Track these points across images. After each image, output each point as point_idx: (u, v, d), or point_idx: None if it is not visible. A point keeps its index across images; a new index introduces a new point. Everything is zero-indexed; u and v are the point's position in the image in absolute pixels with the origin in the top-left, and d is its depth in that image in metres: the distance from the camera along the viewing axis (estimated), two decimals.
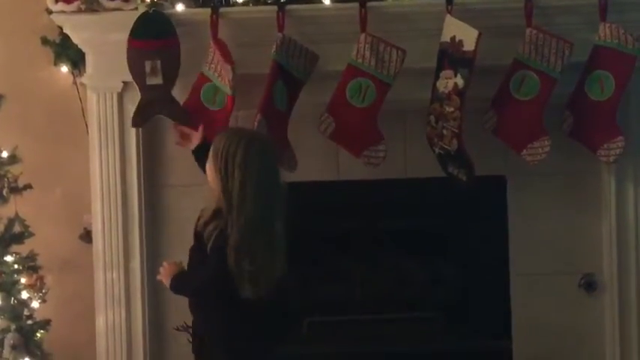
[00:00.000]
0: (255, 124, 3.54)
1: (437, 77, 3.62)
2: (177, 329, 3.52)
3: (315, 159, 3.81)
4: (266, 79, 3.58)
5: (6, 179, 3.73)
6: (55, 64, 4.00)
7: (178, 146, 3.62)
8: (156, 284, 3.74)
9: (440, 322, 4.02)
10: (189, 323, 3.49)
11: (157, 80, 3.61)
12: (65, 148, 4.04)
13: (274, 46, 3.58)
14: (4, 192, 3.72)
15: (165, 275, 3.18)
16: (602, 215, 3.85)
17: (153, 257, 3.83)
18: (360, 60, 3.60)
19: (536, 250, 3.87)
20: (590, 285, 3.86)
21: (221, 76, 3.60)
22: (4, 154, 3.76)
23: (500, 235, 3.89)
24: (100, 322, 3.78)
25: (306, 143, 3.76)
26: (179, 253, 3.74)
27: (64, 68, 4.01)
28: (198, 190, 3.80)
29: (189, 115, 3.63)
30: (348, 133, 3.66)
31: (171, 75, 3.62)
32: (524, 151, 3.65)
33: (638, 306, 3.82)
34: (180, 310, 3.77)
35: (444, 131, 3.61)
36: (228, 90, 3.57)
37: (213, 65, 3.61)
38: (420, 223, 3.98)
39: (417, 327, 4.03)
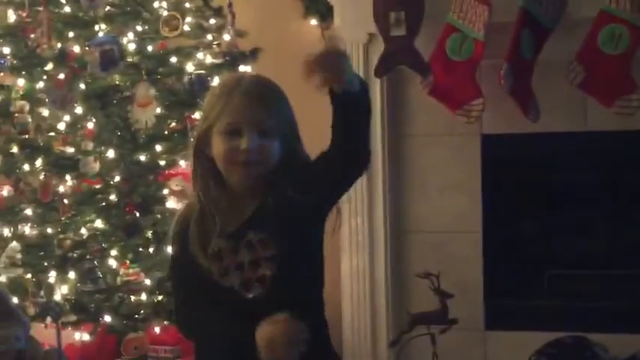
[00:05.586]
0: (502, 72, 3.52)
1: None
2: (419, 276, 3.60)
3: (561, 109, 3.74)
4: (513, 28, 3.54)
5: None
6: (305, 17, 4.10)
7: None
8: (399, 232, 3.84)
9: None
10: (431, 271, 3.57)
11: (401, 31, 3.67)
12: (311, 104, 4.14)
13: None
14: None
15: None
16: None
17: (395, 206, 3.91)
18: (614, 6, 3.50)
19: None
20: None
21: (472, 22, 3.59)
22: None
23: None
24: (345, 265, 3.89)
25: (550, 92, 3.68)
26: (420, 202, 3.83)
27: (314, 21, 4.09)
28: (438, 140, 3.87)
29: (431, 66, 3.67)
30: (599, 81, 3.56)
31: (414, 26, 3.66)
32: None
33: None
34: (422, 257, 3.87)
35: None
36: (478, 35, 3.57)
37: (462, 13, 3.61)
38: None
39: None
